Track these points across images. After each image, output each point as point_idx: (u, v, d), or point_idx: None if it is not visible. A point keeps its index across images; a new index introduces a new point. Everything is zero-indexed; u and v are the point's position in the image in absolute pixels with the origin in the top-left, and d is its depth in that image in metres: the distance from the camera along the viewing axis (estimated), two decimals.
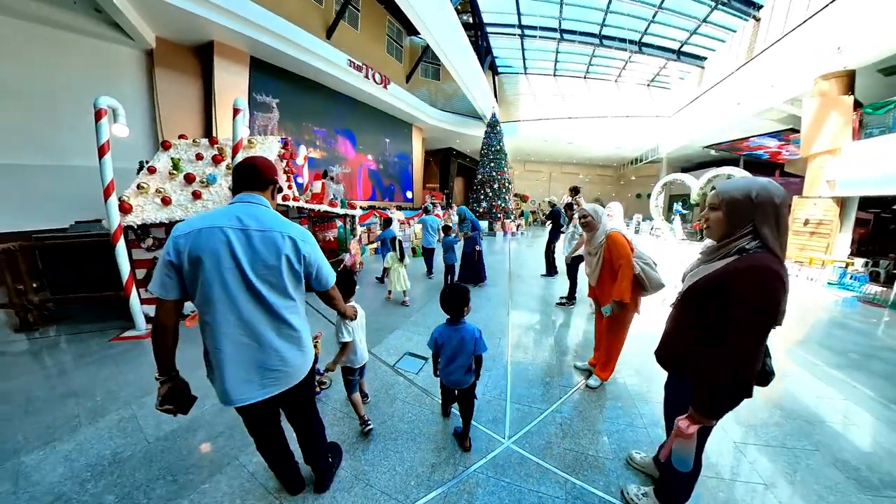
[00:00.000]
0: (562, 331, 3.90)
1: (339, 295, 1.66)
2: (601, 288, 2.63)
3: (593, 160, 25.28)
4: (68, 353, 3.50)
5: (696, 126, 14.97)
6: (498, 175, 15.82)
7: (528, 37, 17.35)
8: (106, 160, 4.02)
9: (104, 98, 4.16)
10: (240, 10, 8.62)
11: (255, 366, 1.31)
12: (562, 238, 5.59)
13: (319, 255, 1.45)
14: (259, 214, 1.33)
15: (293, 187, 6.05)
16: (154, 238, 4.27)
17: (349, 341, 2.13)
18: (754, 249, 1.17)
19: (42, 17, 7.02)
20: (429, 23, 10.46)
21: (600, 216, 2.64)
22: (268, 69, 10.41)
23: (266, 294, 1.29)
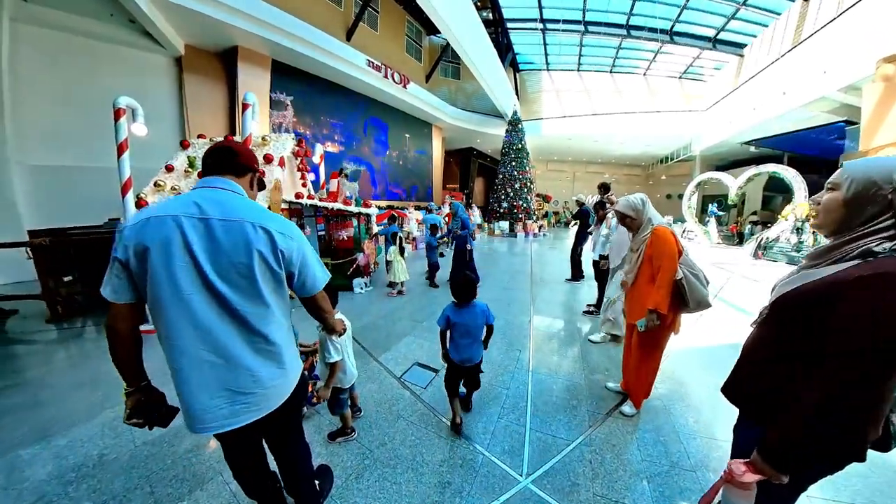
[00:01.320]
0: (590, 344, 3.47)
1: (328, 305, 1.33)
2: (636, 293, 2.18)
3: (620, 159, 24.13)
4: (86, 344, 3.61)
5: (734, 120, 13.84)
6: (519, 174, 15.29)
7: (551, 31, 16.69)
8: (124, 158, 4.08)
9: (123, 98, 4.20)
10: (263, 15, 8.82)
11: (221, 388, 1.04)
12: (589, 240, 5.11)
13: (307, 251, 1.18)
14: (225, 200, 1.07)
15: (308, 185, 5.91)
16: None
17: (338, 361, 1.84)
18: (887, 253, 0.78)
19: (83, 30, 7.45)
20: (449, 21, 10.23)
21: (642, 208, 2.19)
22: (288, 71, 10.50)
23: (231, 298, 1.03)
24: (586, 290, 5.47)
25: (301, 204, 5.09)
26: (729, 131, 14.31)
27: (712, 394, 2.55)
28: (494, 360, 3.01)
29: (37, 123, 7.01)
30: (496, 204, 15.52)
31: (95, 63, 7.64)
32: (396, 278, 5.19)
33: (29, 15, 6.77)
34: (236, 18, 8.41)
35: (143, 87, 8.49)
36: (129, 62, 8.32)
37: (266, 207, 3.91)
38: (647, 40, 16.11)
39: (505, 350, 3.24)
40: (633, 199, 2.22)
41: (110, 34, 7.85)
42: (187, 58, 9.10)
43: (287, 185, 5.32)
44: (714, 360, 3.12)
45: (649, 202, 2.22)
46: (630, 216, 2.20)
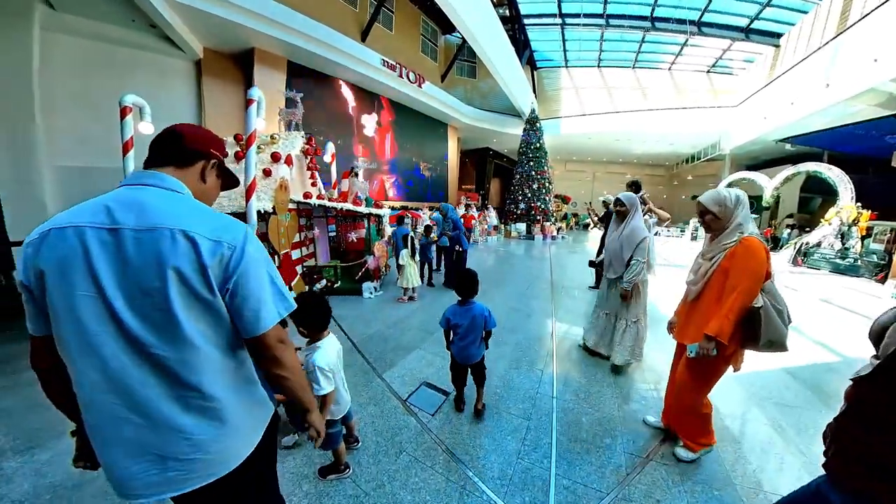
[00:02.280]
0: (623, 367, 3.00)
1: (289, 357, 0.88)
2: (695, 310, 1.78)
3: (642, 159, 23.13)
4: None
5: (768, 116, 12.88)
6: (537, 175, 14.79)
7: (570, 25, 16.05)
8: (129, 157, 4.02)
9: (130, 96, 4.12)
10: (279, 17, 8.82)
11: (147, 452, 0.77)
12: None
13: (255, 266, 0.82)
14: (147, 201, 0.79)
15: (317, 184, 5.72)
16: None
17: (329, 392, 1.56)
18: None
19: (107, 36, 7.62)
20: (466, 18, 9.98)
21: (733, 207, 1.69)
22: (303, 72, 10.48)
23: (145, 338, 0.74)
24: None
25: (309, 204, 4.88)
26: (763, 128, 13.35)
27: (773, 435, 2.12)
28: (514, 383, 2.67)
29: (65, 127, 7.15)
30: (513, 205, 15.08)
31: (119, 68, 7.81)
32: (409, 283, 4.90)
33: (57, 24, 6.96)
34: (253, 20, 8.43)
35: (164, 91, 8.66)
36: (151, 66, 8.47)
37: (271, 207, 3.71)
38: (672, 32, 15.27)
39: (525, 370, 2.87)
40: (725, 193, 1.72)
41: (132, 40, 8.01)
42: (206, 61, 9.18)
43: (295, 185, 5.13)
44: (764, 388, 2.68)
45: (747, 203, 1.73)
46: (712, 213, 1.72)
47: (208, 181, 0.95)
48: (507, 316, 4.20)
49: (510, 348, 3.27)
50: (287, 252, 4.51)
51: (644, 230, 2.75)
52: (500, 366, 2.93)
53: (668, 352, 3.21)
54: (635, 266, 2.68)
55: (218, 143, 0.97)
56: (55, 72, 7.01)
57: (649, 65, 18.54)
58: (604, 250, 3.11)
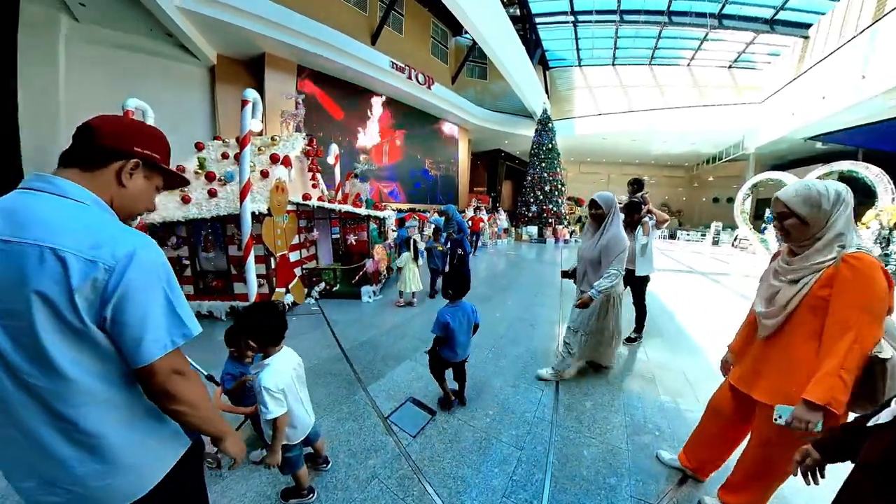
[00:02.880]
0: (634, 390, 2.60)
1: (182, 387, 0.77)
2: (777, 354, 1.29)
3: (660, 159, 22.22)
4: None
5: (797, 112, 12.06)
6: (550, 176, 14.33)
7: (583, 23, 15.55)
8: None
9: (132, 100, 4.13)
10: (290, 23, 8.87)
11: (33, 472, 0.71)
12: None
13: (140, 286, 0.71)
14: (26, 210, 0.68)
15: (318, 185, 5.59)
16: (177, 236, 4.27)
17: (279, 416, 1.34)
18: None
19: (126, 44, 7.92)
20: (475, 20, 9.79)
21: (830, 208, 1.17)
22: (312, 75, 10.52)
23: (17, 363, 0.66)
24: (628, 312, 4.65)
25: (308, 205, 4.74)
26: (791, 125, 12.52)
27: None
28: (509, 404, 2.37)
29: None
30: (524, 208, 14.66)
31: (137, 75, 8.05)
32: (407, 288, 4.70)
33: (81, 34, 7.28)
34: (264, 26, 8.53)
35: (179, 96, 8.87)
36: (168, 73, 8.70)
37: (266, 209, 3.57)
38: (691, 27, 14.53)
39: (524, 390, 2.55)
40: (820, 188, 1.18)
41: (150, 48, 8.28)
42: (219, 67, 9.39)
43: (296, 186, 5.01)
44: None
45: (851, 202, 1.19)
46: (799, 216, 1.19)
47: (130, 185, 0.81)
48: (511, 326, 3.89)
49: (509, 362, 2.98)
50: (284, 254, 4.37)
51: (624, 238, 2.41)
52: (495, 383, 2.64)
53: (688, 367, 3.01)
54: (610, 276, 2.34)
55: (146, 139, 0.83)
56: (78, 79, 7.29)
57: (667, 61, 17.76)
58: (577, 259, 2.69)
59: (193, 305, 4.20)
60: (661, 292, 5.62)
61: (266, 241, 3.90)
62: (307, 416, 1.55)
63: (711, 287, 6.47)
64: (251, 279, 3.82)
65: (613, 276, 2.34)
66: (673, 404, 2.42)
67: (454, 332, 2.11)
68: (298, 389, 1.51)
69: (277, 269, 4.18)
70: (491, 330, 3.68)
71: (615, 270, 2.34)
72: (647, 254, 3.38)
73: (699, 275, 7.66)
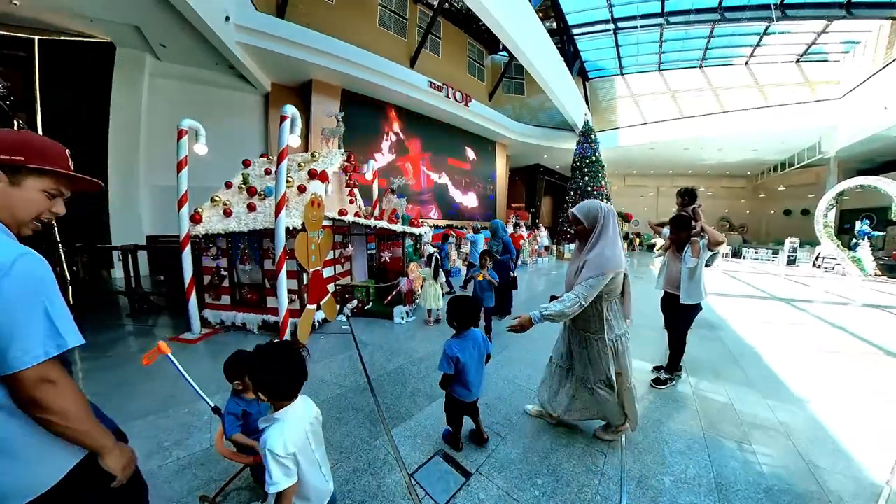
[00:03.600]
0: (726, 458, 1.95)
1: (51, 395, 0.76)
2: None
3: (717, 169, 20.15)
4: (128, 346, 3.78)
5: (889, 105, 10.23)
6: (594, 190, 13.44)
7: (624, 30, 14.75)
8: (182, 175, 4.23)
9: (186, 120, 4.33)
10: (335, 50, 9.44)
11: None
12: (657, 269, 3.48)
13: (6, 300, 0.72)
14: None
15: (355, 201, 5.49)
16: (217, 247, 4.36)
17: (287, 489, 1.01)
18: None
19: (196, 78, 8.98)
20: (513, 34, 9.61)
21: None
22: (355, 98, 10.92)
23: None
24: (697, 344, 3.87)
25: (344, 221, 4.61)
26: (882, 121, 10.65)
27: None
28: (560, 469, 1.85)
29: (159, 153, 8.21)
30: (566, 224, 13.82)
31: (204, 103, 9.02)
32: (428, 304, 4.46)
33: (161, 70, 8.44)
34: (313, 56, 9.14)
35: (239, 121, 9.72)
36: (230, 101, 9.63)
37: (300, 224, 3.44)
38: (749, 21, 13.11)
39: (580, 451, 2.00)
40: None
41: (215, 79, 9.22)
42: (273, 94, 10.16)
43: (333, 201, 4.93)
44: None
45: None
46: None
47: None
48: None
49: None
50: (318, 270, 4.22)
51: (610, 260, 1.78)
52: (545, 440, 2.08)
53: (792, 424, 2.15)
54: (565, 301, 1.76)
55: (12, 146, 0.82)
56: (157, 106, 8.33)
57: (721, 61, 16.20)
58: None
59: (228, 316, 4.25)
60: (735, 322, 4.73)
61: (298, 257, 3.76)
62: (325, 483, 1.18)
63: (797, 316, 5.35)
64: (282, 294, 3.67)
65: (569, 302, 1.74)
66: (780, 482, 1.76)
67: (465, 368, 1.83)
68: (314, 450, 1.15)
69: (310, 285, 4.02)
70: (536, 364, 3.09)
71: (575, 295, 1.75)
72: (696, 278, 2.75)
73: (779, 301, 6.45)
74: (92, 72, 7.67)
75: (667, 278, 2.97)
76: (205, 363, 3.34)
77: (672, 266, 2.93)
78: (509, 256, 4.62)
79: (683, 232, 2.79)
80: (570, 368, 2.11)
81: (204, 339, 4.00)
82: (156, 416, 2.28)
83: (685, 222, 2.78)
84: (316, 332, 4.14)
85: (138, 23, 7.10)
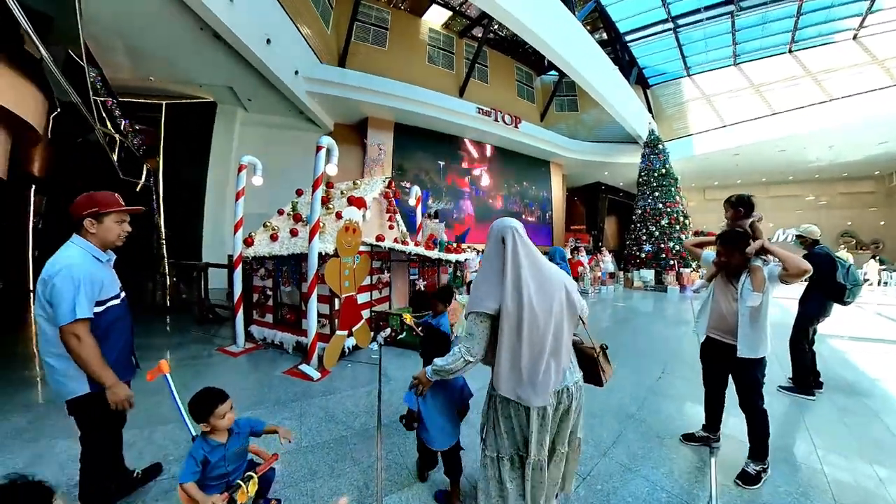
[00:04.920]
0: None
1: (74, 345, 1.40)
2: None
3: (829, 171, 16.33)
4: (187, 351, 4.20)
5: None
6: (667, 207, 11.75)
7: (685, 26, 13.13)
8: (239, 203, 4.63)
9: (247, 157, 4.76)
10: (387, 89, 10.11)
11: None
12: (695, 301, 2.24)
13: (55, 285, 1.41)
14: None
15: (395, 227, 5.37)
16: (265, 269, 4.59)
17: None
18: None
19: (274, 124, 10.43)
20: (564, 54, 9.32)
21: None
22: (407, 131, 11.42)
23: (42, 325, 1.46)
24: (827, 410, 2.79)
25: (380, 247, 4.46)
26: None
27: None
28: None
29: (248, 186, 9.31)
30: (634, 247, 12.18)
31: (279, 143, 10.30)
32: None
33: (248, 119, 10.01)
34: (365, 95, 9.91)
35: (307, 158, 10.50)
36: (299, 141, 10.78)
37: (332, 249, 3.32)
38: None
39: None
40: None
41: (288, 123, 10.56)
42: (335, 132, 11.15)
43: (372, 227, 4.86)
44: None
45: None
46: None
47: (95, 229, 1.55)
48: (624, 428, 2.48)
49: (632, 495, 1.76)
50: (351, 296, 4.06)
51: (477, 297, 1.33)
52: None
53: None
54: (447, 357, 1.37)
55: (87, 202, 1.53)
56: (244, 147, 9.43)
57: (818, 41, 13.27)
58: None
59: (270, 334, 4.38)
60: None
61: (329, 282, 3.64)
62: None
63: None
64: (312, 317, 3.57)
65: (452, 358, 1.34)
66: None
67: (425, 412, 1.59)
68: None
69: (342, 311, 3.86)
70: (593, 430, 2.39)
71: (457, 348, 1.33)
72: (759, 321, 1.90)
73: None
74: (199, 125, 9.41)
75: (713, 318, 2.13)
76: (238, 376, 3.52)
77: (722, 302, 2.09)
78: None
79: (736, 253, 1.96)
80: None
81: (246, 353, 4.16)
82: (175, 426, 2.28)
83: (737, 240, 1.97)
84: (345, 359, 3.94)
85: (231, 84, 8.49)
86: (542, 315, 1.25)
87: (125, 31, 6.23)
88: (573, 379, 1.34)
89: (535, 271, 1.30)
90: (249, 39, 6.50)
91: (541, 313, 1.25)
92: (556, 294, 1.31)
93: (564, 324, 1.33)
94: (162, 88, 8.49)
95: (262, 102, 9.23)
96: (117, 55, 6.93)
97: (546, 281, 1.31)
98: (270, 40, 7.10)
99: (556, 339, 1.29)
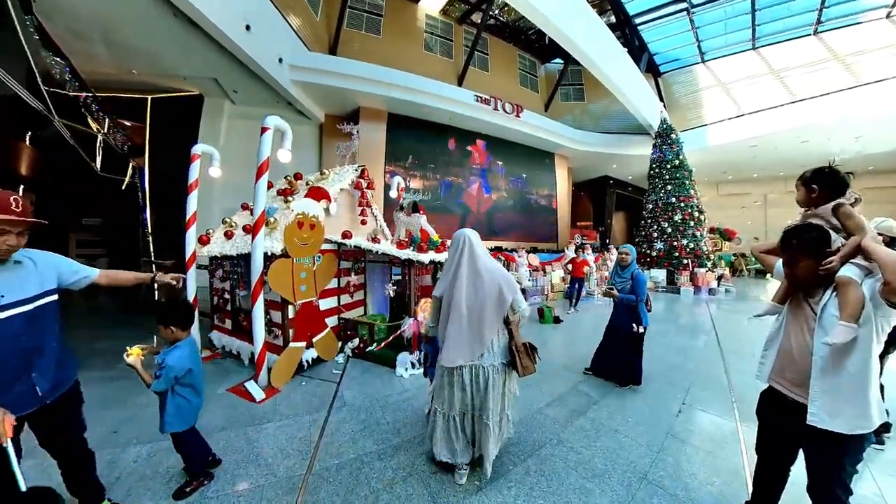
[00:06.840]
0: None
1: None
2: None
3: (856, 164, 14.88)
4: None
5: None
6: (680, 201, 10.88)
7: (701, 7, 12.09)
8: (191, 197, 4.22)
9: (200, 146, 4.27)
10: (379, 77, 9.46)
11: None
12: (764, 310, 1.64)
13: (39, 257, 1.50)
14: None
15: (367, 222, 4.77)
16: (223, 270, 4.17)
17: None
18: None
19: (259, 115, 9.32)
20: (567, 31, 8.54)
21: None
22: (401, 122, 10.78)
23: None
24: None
25: (346, 245, 3.86)
26: None
27: None
28: None
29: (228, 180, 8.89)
30: (645, 244, 11.36)
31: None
32: None
33: (235, 112, 9.46)
34: (356, 83, 9.29)
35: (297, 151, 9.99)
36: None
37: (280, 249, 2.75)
38: None
39: None
40: None
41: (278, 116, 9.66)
42: (326, 124, 10.66)
43: (339, 222, 4.26)
44: None
45: None
46: None
47: None
48: (632, 498, 1.83)
49: None
50: (310, 301, 3.48)
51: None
52: None
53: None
54: None
55: None
56: (232, 141, 9.18)
57: (846, 21, 12.10)
58: None
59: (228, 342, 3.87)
60: None
61: (275, 287, 3.06)
62: None
63: None
64: (257, 326, 2.99)
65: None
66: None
67: None
68: None
69: (297, 319, 3.29)
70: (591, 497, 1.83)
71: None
72: (854, 369, 1.19)
73: None
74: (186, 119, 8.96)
75: (780, 359, 1.42)
76: None
77: (793, 335, 1.37)
78: (640, 300, 3.01)
79: (801, 260, 1.28)
80: None
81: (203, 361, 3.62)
82: None
83: (817, 238, 1.28)
84: (303, 374, 3.37)
85: (216, 75, 7.98)
86: (466, 303, 1.77)
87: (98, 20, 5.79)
88: (490, 362, 1.79)
89: (471, 271, 1.81)
90: (226, 26, 6.03)
91: (466, 301, 1.77)
92: (489, 290, 1.78)
93: (487, 313, 1.77)
94: (147, 82, 8.11)
95: (249, 94, 8.76)
96: (95, 46, 6.49)
97: (479, 280, 1.79)
98: (250, 27, 6.60)
99: (479, 322, 1.76)
